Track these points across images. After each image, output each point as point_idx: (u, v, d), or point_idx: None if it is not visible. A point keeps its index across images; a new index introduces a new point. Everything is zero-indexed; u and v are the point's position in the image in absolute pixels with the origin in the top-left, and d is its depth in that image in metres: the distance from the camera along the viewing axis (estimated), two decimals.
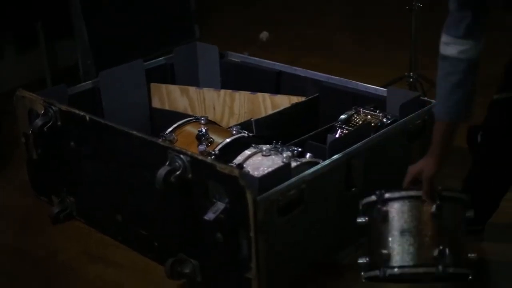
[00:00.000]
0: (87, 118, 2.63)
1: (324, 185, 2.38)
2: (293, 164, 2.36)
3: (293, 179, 2.27)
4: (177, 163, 2.30)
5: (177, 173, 2.29)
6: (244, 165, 2.41)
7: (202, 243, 2.38)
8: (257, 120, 2.93)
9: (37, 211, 2.99)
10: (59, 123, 2.76)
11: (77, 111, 2.68)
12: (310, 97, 3.12)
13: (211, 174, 2.23)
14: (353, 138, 2.53)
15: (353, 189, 2.50)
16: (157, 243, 2.57)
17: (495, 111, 2.39)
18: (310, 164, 2.39)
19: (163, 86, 3.42)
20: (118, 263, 2.65)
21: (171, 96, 3.40)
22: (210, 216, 2.22)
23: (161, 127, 3.32)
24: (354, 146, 2.47)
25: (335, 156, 2.41)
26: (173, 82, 3.51)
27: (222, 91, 3.31)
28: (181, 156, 2.30)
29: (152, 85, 3.43)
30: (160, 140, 2.65)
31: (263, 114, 3.19)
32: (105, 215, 2.75)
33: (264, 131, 2.94)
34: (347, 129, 2.73)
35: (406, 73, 3.66)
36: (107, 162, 2.64)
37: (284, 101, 3.17)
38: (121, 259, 2.66)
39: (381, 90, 2.97)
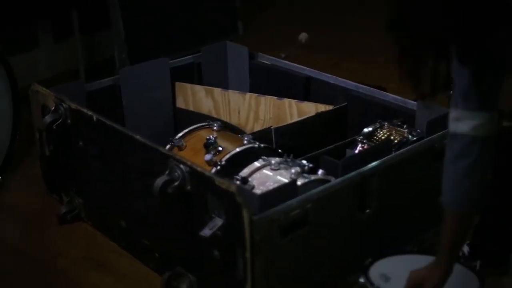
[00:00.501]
0: (94, 118, 2.52)
1: (333, 205, 2.21)
2: (301, 181, 2.20)
3: (297, 198, 2.10)
4: (176, 173, 2.17)
5: (176, 183, 2.16)
6: (250, 179, 2.26)
7: (201, 258, 2.24)
8: (277, 129, 2.78)
9: (46, 210, 2.90)
10: (69, 121, 2.66)
11: (85, 110, 2.57)
12: (337, 106, 2.95)
13: (210, 187, 2.09)
14: (371, 155, 2.35)
15: (367, 210, 2.32)
16: (158, 254, 2.44)
17: (505, 140, 2.13)
18: (320, 181, 2.23)
19: (188, 86, 3.29)
20: (119, 272, 2.53)
21: (196, 97, 3.27)
22: (206, 232, 2.08)
23: (185, 128, 3.21)
24: (370, 165, 2.29)
25: (348, 175, 2.24)
26: (200, 82, 3.38)
27: (248, 95, 3.16)
28: (181, 166, 2.16)
29: (177, 84, 3.30)
30: (169, 145, 2.52)
31: (288, 121, 3.04)
32: (110, 220, 2.64)
33: (285, 141, 2.78)
34: (368, 144, 2.55)
35: None
36: (113, 165, 2.53)
37: (310, 109, 3.01)
38: (123, 268, 2.55)
39: (411, 103, 2.77)
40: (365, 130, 2.61)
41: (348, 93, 2.97)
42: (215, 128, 2.56)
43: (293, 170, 2.23)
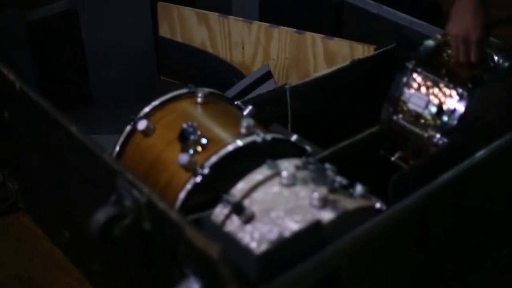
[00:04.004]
0: (17, 86, 1.67)
1: (380, 251, 1.40)
2: (330, 215, 1.36)
3: (324, 252, 1.28)
4: (127, 202, 1.35)
5: (126, 221, 1.34)
6: (247, 202, 1.43)
7: None
8: (294, 88, 1.92)
9: None
10: None
11: (5, 72, 1.70)
12: (382, 49, 2.06)
13: (180, 237, 1.27)
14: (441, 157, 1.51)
15: (429, 243, 1.50)
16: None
17: None
18: (359, 213, 1.39)
19: (175, 8, 2.41)
20: None
21: (185, 24, 2.40)
22: None
23: (171, 65, 2.38)
24: (440, 179, 1.44)
25: (406, 200, 1.40)
26: (192, 3, 2.49)
27: (256, 24, 2.29)
28: (134, 192, 1.33)
29: (160, 5, 2.43)
30: (129, 126, 1.67)
31: (311, 63, 2.19)
32: (52, 224, 1.86)
33: (304, 104, 1.94)
34: (426, 77, 1.68)
35: None
36: (47, 155, 1.71)
37: (343, 48, 2.15)
38: None
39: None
40: (424, 46, 1.74)
41: (397, 29, 2.07)
42: (199, 99, 1.68)
43: (315, 195, 1.38)
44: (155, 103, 1.69)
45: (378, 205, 1.43)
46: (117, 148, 1.66)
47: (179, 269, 1.32)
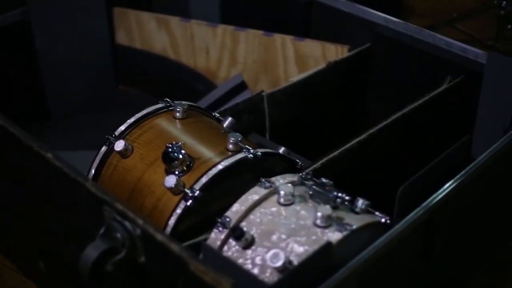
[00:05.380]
0: None
1: (387, 267, 1.33)
2: (336, 235, 1.28)
3: (334, 280, 1.19)
4: (118, 235, 1.24)
5: (119, 256, 1.23)
6: (245, 226, 1.33)
7: None
8: (271, 95, 1.83)
9: None
10: None
11: None
12: (358, 49, 1.99)
13: (182, 272, 1.17)
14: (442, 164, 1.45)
15: (432, 254, 1.44)
16: None
17: None
18: (365, 230, 1.32)
19: (132, 13, 2.29)
20: None
21: (144, 29, 2.28)
22: None
23: (130, 73, 2.27)
24: (446, 187, 1.38)
25: (414, 214, 1.33)
26: (149, 7, 2.38)
27: (221, 28, 2.19)
28: (126, 223, 1.22)
29: (116, 10, 2.30)
30: (105, 147, 1.55)
31: (281, 66, 2.10)
32: (24, 255, 1.73)
33: (282, 111, 1.86)
34: None
35: (495, 0, 2.48)
36: (15, 182, 1.58)
37: (315, 50, 2.07)
38: None
39: (475, 52, 1.83)
40: None
41: (371, 29, 2.00)
42: (178, 114, 1.58)
43: (319, 214, 1.30)
44: (130, 120, 1.57)
45: (383, 220, 1.35)
46: (92, 171, 1.54)
47: None
